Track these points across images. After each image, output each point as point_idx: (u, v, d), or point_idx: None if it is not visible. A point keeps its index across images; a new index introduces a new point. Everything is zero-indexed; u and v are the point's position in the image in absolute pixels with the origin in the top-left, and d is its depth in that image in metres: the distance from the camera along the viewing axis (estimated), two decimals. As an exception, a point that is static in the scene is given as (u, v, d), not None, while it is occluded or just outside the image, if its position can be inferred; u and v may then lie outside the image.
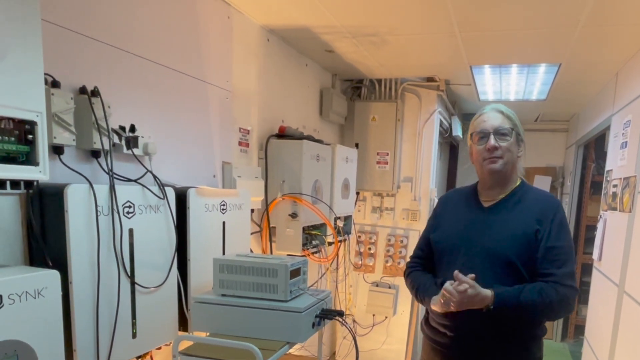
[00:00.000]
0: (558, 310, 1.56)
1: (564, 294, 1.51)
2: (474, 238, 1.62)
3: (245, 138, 2.57)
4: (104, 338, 1.50)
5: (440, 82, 3.68)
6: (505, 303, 1.48)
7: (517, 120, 1.64)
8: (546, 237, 1.54)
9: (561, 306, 1.53)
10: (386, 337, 3.82)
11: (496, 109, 1.63)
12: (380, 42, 2.81)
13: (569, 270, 1.54)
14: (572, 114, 5.05)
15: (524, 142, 1.65)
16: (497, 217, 1.62)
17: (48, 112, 1.38)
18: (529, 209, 1.59)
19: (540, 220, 1.56)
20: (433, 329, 1.71)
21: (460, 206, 1.73)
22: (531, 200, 1.62)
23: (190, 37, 2.08)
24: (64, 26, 1.50)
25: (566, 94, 4.04)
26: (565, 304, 1.54)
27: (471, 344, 1.60)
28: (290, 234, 2.64)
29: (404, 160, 3.84)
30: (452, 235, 1.69)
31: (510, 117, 1.62)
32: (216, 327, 1.72)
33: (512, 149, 1.60)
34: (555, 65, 3.16)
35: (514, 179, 1.67)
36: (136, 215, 1.61)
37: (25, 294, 1.20)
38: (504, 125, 1.59)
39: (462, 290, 1.45)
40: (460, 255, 1.62)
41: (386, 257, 3.87)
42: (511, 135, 1.59)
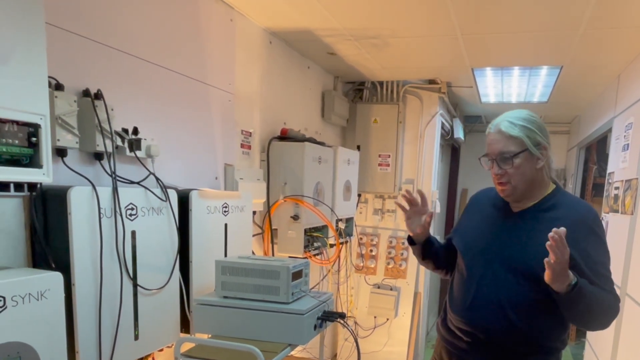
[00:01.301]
0: (606, 314, 1.45)
1: (616, 306, 1.47)
2: (499, 245, 1.55)
3: (247, 140, 2.57)
4: (106, 340, 1.51)
5: (442, 84, 3.69)
6: (583, 286, 1.35)
7: (531, 128, 1.47)
8: (587, 256, 1.42)
9: (610, 311, 1.46)
10: (387, 339, 3.82)
11: (498, 130, 1.49)
12: (382, 44, 2.81)
13: (611, 282, 1.47)
14: (573, 116, 5.05)
15: (546, 149, 1.50)
16: (526, 225, 1.53)
17: (52, 114, 1.39)
18: (562, 220, 1.39)
19: (576, 239, 1.40)
20: (450, 331, 1.66)
21: (488, 206, 1.66)
22: (565, 212, 1.49)
23: (193, 39, 2.08)
24: (67, 29, 1.51)
25: (568, 97, 4.04)
26: (612, 309, 1.46)
27: (488, 353, 1.56)
28: (292, 236, 2.65)
29: (405, 162, 3.85)
30: (478, 240, 1.62)
31: (515, 135, 1.46)
32: (218, 329, 1.72)
33: (524, 167, 1.48)
34: (557, 67, 3.16)
35: (543, 186, 1.55)
36: (139, 217, 1.62)
37: (29, 296, 1.21)
38: (506, 149, 1.47)
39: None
40: (482, 261, 1.57)
41: (388, 259, 3.87)
42: (518, 157, 1.46)
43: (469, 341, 1.59)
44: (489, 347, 1.55)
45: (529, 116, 1.51)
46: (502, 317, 1.51)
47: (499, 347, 1.54)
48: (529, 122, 1.48)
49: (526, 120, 1.48)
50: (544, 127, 1.52)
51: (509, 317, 1.51)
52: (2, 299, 1.15)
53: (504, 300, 1.50)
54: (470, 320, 1.57)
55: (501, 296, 1.51)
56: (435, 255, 1.84)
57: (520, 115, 1.51)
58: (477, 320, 1.56)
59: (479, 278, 1.57)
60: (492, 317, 1.53)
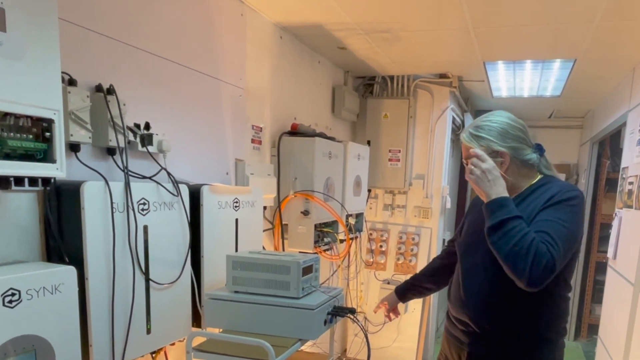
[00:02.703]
0: (523, 259, 1.34)
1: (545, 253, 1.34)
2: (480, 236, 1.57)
3: (258, 135, 2.57)
4: (119, 334, 1.52)
5: (453, 78, 3.66)
6: (495, 208, 1.40)
7: (486, 137, 1.54)
8: (541, 214, 1.44)
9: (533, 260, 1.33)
10: (397, 335, 3.82)
11: (463, 136, 1.59)
12: (393, 38, 2.79)
13: (558, 245, 1.36)
14: (586, 110, 4.98)
15: (505, 154, 1.53)
16: None
17: (65, 110, 1.39)
18: (535, 200, 1.50)
19: (541, 207, 1.46)
20: (450, 322, 1.75)
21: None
22: (541, 193, 1.52)
23: (204, 35, 2.08)
24: (80, 24, 1.52)
25: (581, 90, 3.99)
26: (537, 263, 1.33)
27: (482, 343, 1.61)
28: (302, 231, 2.65)
29: (416, 157, 3.83)
30: (466, 235, 1.74)
31: (471, 145, 1.55)
32: (229, 324, 1.73)
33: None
34: (571, 60, 3.12)
35: (523, 181, 1.59)
36: (151, 212, 1.63)
37: (43, 290, 1.22)
38: (467, 155, 1.57)
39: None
40: (467, 253, 1.68)
41: (397, 255, 3.86)
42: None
43: (464, 330, 1.64)
44: (482, 337, 1.59)
45: (493, 124, 1.55)
46: (488, 306, 1.57)
47: (491, 337, 1.58)
48: (490, 130, 1.54)
49: (487, 130, 1.54)
50: (510, 132, 1.54)
51: (494, 305, 1.56)
52: (17, 292, 1.16)
53: (488, 289, 1.56)
54: (462, 310, 1.64)
55: (486, 285, 1.57)
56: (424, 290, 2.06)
57: (480, 123, 1.58)
58: (467, 310, 1.62)
59: (467, 270, 1.65)
60: (480, 306, 1.58)
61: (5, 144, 1.17)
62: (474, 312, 1.61)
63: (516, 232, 1.37)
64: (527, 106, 4.78)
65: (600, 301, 3.86)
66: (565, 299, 1.61)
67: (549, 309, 1.56)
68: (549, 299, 1.55)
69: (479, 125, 1.58)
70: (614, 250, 3.24)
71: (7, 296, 1.14)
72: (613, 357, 3.18)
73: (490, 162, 1.48)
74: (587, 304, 4.94)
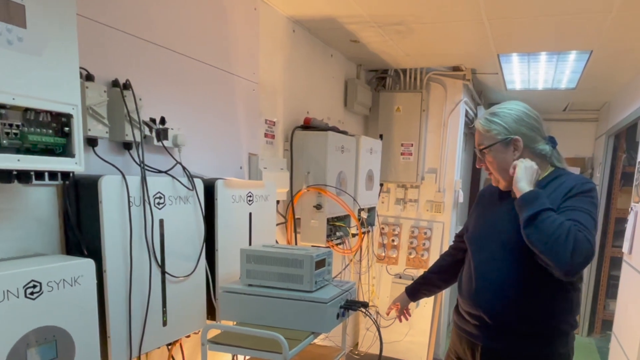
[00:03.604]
0: (563, 246, 1.35)
1: (584, 239, 1.35)
2: (493, 228, 1.64)
3: (271, 130, 2.58)
4: (136, 326, 1.55)
5: (467, 71, 3.63)
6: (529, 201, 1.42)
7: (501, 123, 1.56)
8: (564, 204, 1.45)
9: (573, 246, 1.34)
10: (409, 329, 3.82)
11: (476, 126, 1.63)
12: (406, 31, 2.77)
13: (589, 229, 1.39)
14: (602, 103, 4.91)
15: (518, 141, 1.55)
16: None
17: (83, 105, 1.41)
18: (556, 192, 1.51)
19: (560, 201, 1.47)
20: (460, 316, 1.74)
21: (492, 198, 1.74)
22: (556, 186, 1.53)
23: (218, 29, 2.09)
24: (97, 20, 1.53)
25: (597, 83, 3.93)
26: (578, 247, 1.34)
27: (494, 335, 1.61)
28: (314, 225, 2.66)
29: (428, 151, 3.81)
30: (478, 228, 1.73)
31: (487, 129, 1.58)
32: (243, 316, 1.75)
33: (498, 159, 1.58)
34: (586, 52, 3.07)
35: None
36: (166, 206, 1.65)
37: (63, 282, 1.25)
38: (480, 142, 1.62)
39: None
40: (480, 246, 1.67)
41: (409, 249, 3.85)
42: (490, 150, 1.58)
43: (476, 324, 1.64)
44: (495, 330, 1.59)
45: (507, 111, 1.58)
46: (503, 298, 1.56)
47: (504, 329, 1.57)
48: (504, 116, 1.57)
49: (501, 116, 1.57)
50: (524, 120, 1.57)
51: (510, 297, 1.55)
52: (38, 284, 1.19)
53: (504, 281, 1.56)
54: (476, 304, 1.63)
55: (501, 277, 1.57)
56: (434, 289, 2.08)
57: (496, 110, 1.60)
58: (481, 303, 1.61)
59: (480, 262, 1.64)
60: (495, 299, 1.57)
61: (26, 139, 1.19)
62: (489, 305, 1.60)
63: (552, 221, 1.38)
64: (542, 99, 4.72)
65: (614, 296, 3.83)
66: (578, 290, 1.61)
67: (563, 300, 1.56)
68: (563, 290, 1.55)
69: (494, 112, 1.60)
70: (630, 245, 3.20)
71: (28, 288, 1.17)
72: (627, 353, 3.15)
73: (531, 162, 1.51)
74: (601, 300, 4.89)
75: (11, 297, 1.13)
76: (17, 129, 1.17)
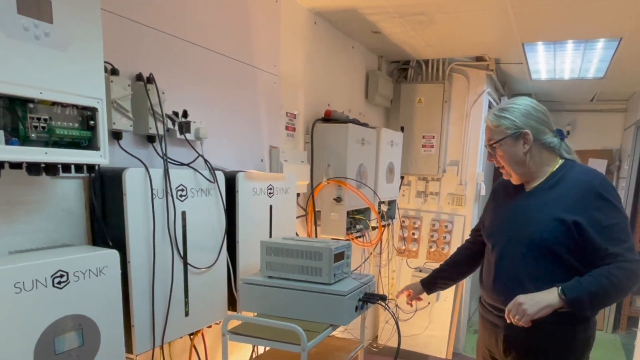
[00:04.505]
0: (629, 287, 1.50)
1: (631, 269, 1.47)
2: (514, 223, 1.65)
3: (292, 122, 2.59)
4: (159, 315, 1.58)
5: (490, 61, 3.55)
6: (577, 298, 1.45)
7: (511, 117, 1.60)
8: (595, 220, 1.49)
9: (631, 282, 1.48)
10: (428, 323, 3.81)
11: (486, 122, 1.67)
12: (428, 21, 2.73)
13: (629, 245, 1.49)
14: (631, 92, 4.75)
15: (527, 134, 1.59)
16: (536, 201, 1.62)
17: (108, 98, 1.44)
18: (568, 192, 1.55)
19: (584, 206, 1.51)
20: (484, 307, 1.78)
21: (508, 192, 1.76)
22: (571, 183, 1.57)
23: (239, 22, 2.09)
24: (122, 15, 1.55)
25: (626, 71, 3.80)
26: (635, 278, 1.48)
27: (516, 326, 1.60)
28: (334, 218, 2.66)
29: (450, 143, 3.76)
30: (496, 221, 1.75)
31: (496, 125, 1.61)
32: (263, 308, 1.77)
33: (509, 153, 1.61)
34: (615, 40, 2.97)
35: (545, 164, 1.63)
36: (188, 198, 1.67)
37: (89, 272, 1.28)
38: (491, 137, 1.65)
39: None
40: (501, 241, 1.68)
41: (430, 243, 3.83)
42: (501, 144, 1.62)
43: (499, 315, 1.66)
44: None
45: (515, 106, 1.62)
46: (521, 289, 1.56)
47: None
48: (513, 111, 1.61)
49: (510, 111, 1.61)
50: (533, 114, 1.61)
51: (528, 288, 1.55)
52: (65, 274, 1.22)
53: (522, 274, 1.59)
54: (495, 295, 1.67)
55: (519, 271, 1.60)
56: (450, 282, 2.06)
57: (507, 105, 1.64)
58: (501, 296, 1.64)
59: (499, 256, 1.67)
60: (513, 290, 1.57)
61: (53, 132, 1.22)
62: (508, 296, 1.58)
63: (605, 290, 1.45)
64: (568, 89, 4.60)
65: (641, 293, 3.73)
66: None
67: None
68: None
69: (503, 108, 1.65)
70: (659, 240, 3.11)
71: (56, 277, 1.20)
72: (654, 350, 3.07)
73: (526, 303, 1.47)
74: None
75: (40, 286, 1.17)
76: (44, 122, 1.20)
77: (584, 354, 1.63)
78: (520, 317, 1.45)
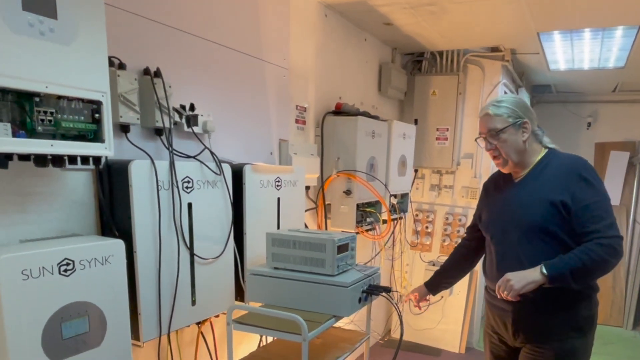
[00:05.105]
0: (608, 261, 1.57)
1: (609, 244, 1.55)
2: (508, 212, 1.73)
3: (302, 116, 2.59)
4: (165, 304, 1.62)
5: (506, 51, 3.49)
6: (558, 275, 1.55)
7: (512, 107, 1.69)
8: (577, 199, 1.59)
9: (610, 256, 1.56)
10: (442, 317, 3.79)
11: (486, 112, 1.73)
12: (440, 11, 2.70)
13: (607, 222, 1.57)
14: (656, 83, 4.60)
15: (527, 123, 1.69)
16: (526, 189, 1.72)
17: (114, 92, 1.48)
18: (554, 175, 1.66)
19: (567, 186, 1.61)
20: (489, 293, 1.85)
21: (498, 186, 1.85)
22: (556, 168, 1.68)
23: (248, 16, 2.11)
24: (128, 10, 1.58)
25: (648, 61, 3.68)
26: (614, 252, 1.56)
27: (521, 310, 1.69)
28: (344, 210, 2.67)
29: (464, 135, 3.71)
30: (491, 214, 1.83)
31: (500, 114, 1.69)
32: (269, 298, 1.79)
33: (510, 140, 1.68)
34: (635, 27, 2.88)
35: (533, 153, 1.73)
36: (195, 190, 1.70)
37: (94, 261, 1.32)
38: (493, 126, 1.70)
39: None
40: (498, 231, 1.76)
41: (443, 236, 3.80)
42: (504, 132, 1.68)
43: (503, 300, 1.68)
44: (522, 304, 1.65)
45: (511, 98, 1.74)
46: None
47: (529, 302, 1.64)
48: (510, 102, 1.71)
49: (507, 102, 1.71)
50: (526, 105, 1.75)
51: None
52: (71, 262, 1.26)
53: (522, 258, 1.65)
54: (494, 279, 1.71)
55: (519, 255, 1.67)
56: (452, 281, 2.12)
57: (502, 98, 1.75)
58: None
59: (498, 245, 1.75)
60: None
61: (59, 125, 1.25)
62: None
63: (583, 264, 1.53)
64: (588, 79, 4.47)
65: (664, 289, 3.63)
66: None
67: None
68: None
69: (499, 100, 1.74)
70: (681, 235, 3.02)
71: (62, 265, 1.25)
72: (675, 348, 2.99)
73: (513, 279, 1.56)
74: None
75: (46, 274, 1.21)
76: (51, 115, 1.23)
77: (590, 330, 1.71)
78: (509, 292, 1.55)
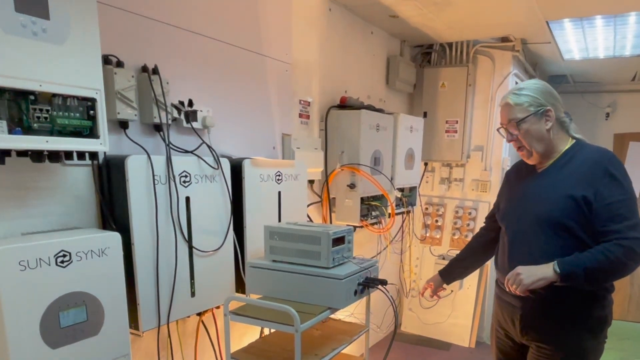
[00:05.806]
0: (626, 264, 1.48)
1: (630, 247, 1.45)
2: (526, 203, 1.67)
3: (305, 110, 2.61)
4: (164, 295, 1.66)
5: (516, 41, 3.42)
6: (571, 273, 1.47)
7: (533, 95, 1.61)
8: (600, 196, 1.50)
9: (629, 259, 1.47)
10: (451, 311, 3.76)
11: (505, 102, 1.66)
12: (443, 2, 2.67)
13: (631, 222, 1.48)
14: (679, 71, 4.45)
15: (550, 111, 1.61)
16: (547, 180, 1.64)
17: (111, 89, 1.52)
18: (578, 169, 1.57)
19: (591, 181, 1.52)
20: (500, 288, 1.80)
21: (520, 175, 1.78)
22: (581, 161, 1.59)
23: (247, 11, 2.12)
24: (125, 9, 1.62)
25: (668, 48, 3.56)
26: (634, 255, 1.47)
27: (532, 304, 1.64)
28: (348, 204, 2.67)
29: (474, 128, 3.67)
30: (509, 203, 1.77)
31: (519, 103, 1.61)
32: (267, 291, 1.82)
33: (532, 130, 1.61)
34: (649, 13, 2.79)
35: (560, 143, 1.65)
36: (192, 184, 1.73)
37: (91, 253, 1.37)
38: (513, 116, 1.62)
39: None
40: (514, 221, 1.70)
41: (453, 230, 3.77)
42: (524, 122, 1.60)
43: (514, 295, 1.64)
44: (533, 300, 1.61)
45: (532, 85, 1.65)
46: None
47: (541, 297, 1.60)
48: (532, 89, 1.62)
49: (528, 89, 1.63)
50: (549, 91, 1.64)
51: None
52: (68, 254, 1.31)
53: (536, 252, 1.58)
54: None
55: (533, 249, 1.60)
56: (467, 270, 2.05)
57: (524, 85, 1.66)
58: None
59: (513, 236, 1.69)
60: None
61: (55, 122, 1.30)
62: None
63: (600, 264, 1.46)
64: (606, 68, 4.35)
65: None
66: None
67: None
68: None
69: (520, 87, 1.65)
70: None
71: (59, 257, 1.29)
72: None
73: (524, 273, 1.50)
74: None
75: (43, 265, 1.26)
76: (47, 113, 1.28)
77: (602, 331, 1.63)
78: (517, 286, 1.49)
